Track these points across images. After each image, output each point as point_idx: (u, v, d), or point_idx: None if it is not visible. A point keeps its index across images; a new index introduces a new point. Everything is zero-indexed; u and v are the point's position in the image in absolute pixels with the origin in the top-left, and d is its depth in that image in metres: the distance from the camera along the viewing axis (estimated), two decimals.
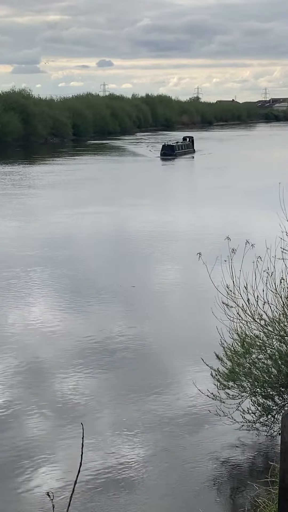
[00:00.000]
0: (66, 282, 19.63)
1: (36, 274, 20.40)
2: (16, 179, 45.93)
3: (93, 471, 9.83)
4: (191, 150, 71.11)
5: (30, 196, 38.05)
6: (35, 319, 16.39)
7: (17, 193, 39.17)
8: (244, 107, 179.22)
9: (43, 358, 14.04)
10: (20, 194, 38.58)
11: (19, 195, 38.42)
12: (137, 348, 14.61)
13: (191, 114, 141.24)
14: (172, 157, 64.02)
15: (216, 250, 11.36)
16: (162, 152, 65.02)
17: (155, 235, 26.43)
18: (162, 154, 64.52)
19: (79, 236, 26.74)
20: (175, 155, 64.95)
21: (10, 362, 13.77)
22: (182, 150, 68.34)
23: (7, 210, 32.92)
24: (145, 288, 19.18)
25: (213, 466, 10.22)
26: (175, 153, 65.42)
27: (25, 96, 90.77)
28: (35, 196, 38.13)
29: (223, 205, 34.79)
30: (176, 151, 65.99)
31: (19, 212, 32.45)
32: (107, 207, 33.80)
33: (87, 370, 13.40)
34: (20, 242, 25.44)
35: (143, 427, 11.22)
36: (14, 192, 39.53)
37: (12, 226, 28.62)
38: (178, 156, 65.08)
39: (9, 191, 39.84)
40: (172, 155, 64.39)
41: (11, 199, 36.89)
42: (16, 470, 9.96)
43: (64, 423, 11.29)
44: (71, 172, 50.88)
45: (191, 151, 70.78)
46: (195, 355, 13.06)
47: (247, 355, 10.45)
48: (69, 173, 50.52)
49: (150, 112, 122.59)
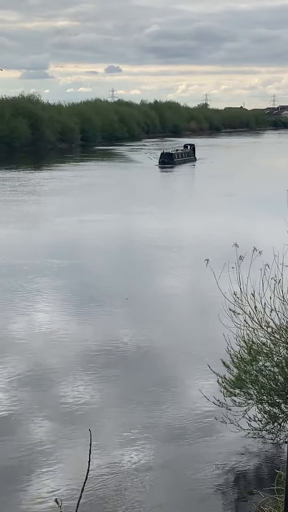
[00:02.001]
0: (73, 290, 19.64)
1: (40, 283, 20.42)
2: (16, 185, 45.35)
3: (98, 478, 9.81)
4: (192, 158, 69.40)
5: (29, 202, 37.46)
6: (42, 326, 16.39)
7: (17, 199, 38.59)
8: (252, 114, 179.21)
9: (49, 363, 14.04)
10: (20, 201, 37.97)
11: (19, 201, 37.81)
12: (143, 355, 14.59)
13: (199, 121, 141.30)
14: (171, 165, 62.25)
15: (223, 257, 11.35)
16: (161, 160, 63.30)
17: (159, 243, 26.42)
18: (161, 162, 62.77)
19: (82, 244, 26.68)
20: (174, 163, 63.18)
21: (17, 366, 13.78)
22: (182, 158, 66.61)
23: (6, 217, 32.48)
24: (151, 295, 19.17)
25: (219, 473, 10.19)
26: (174, 161, 63.74)
27: (34, 101, 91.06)
28: (34, 202, 37.58)
29: (220, 214, 34.74)
30: (176, 159, 64.34)
31: (16, 219, 31.90)
32: (105, 215, 33.32)
33: (94, 377, 13.39)
34: (15, 249, 25.16)
35: (149, 434, 11.20)
36: (13, 198, 38.94)
37: (10, 234, 28.24)
38: (177, 165, 63.32)
39: (9, 198, 39.29)
40: (171, 164, 62.67)
41: (10, 205, 36.47)
42: (23, 475, 9.96)
43: (71, 429, 11.27)
44: (74, 179, 50.43)
45: (192, 159, 69.03)
46: (201, 362, 13.04)
47: (253, 362, 10.43)
48: (72, 179, 50.10)
49: (158, 118, 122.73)
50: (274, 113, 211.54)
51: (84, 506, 9.02)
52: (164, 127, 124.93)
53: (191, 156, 69.33)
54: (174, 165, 62.16)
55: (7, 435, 11.10)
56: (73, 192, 42.23)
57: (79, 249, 25.34)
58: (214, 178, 54.30)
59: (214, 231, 28.51)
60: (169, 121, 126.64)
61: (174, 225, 30.88)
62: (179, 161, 64.59)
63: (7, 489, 9.67)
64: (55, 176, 51.78)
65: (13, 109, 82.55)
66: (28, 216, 32.76)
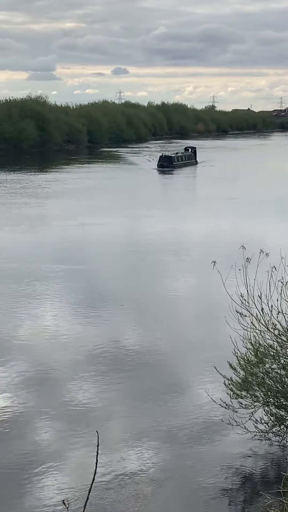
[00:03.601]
0: (78, 293, 19.66)
1: (44, 286, 20.46)
2: (17, 187, 44.63)
3: (104, 479, 9.82)
4: (193, 162, 66.47)
5: (29, 205, 36.89)
6: (48, 328, 16.42)
7: (16, 202, 38.05)
8: (259, 116, 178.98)
9: (56, 365, 14.06)
10: (19, 204, 37.39)
11: (18, 204, 37.27)
12: (150, 357, 14.60)
13: (207, 123, 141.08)
14: (170, 169, 59.49)
15: (230, 259, 11.35)
16: (159, 164, 60.51)
17: (164, 245, 26.44)
18: (159, 166, 60.09)
19: (85, 247, 26.61)
20: (173, 166, 60.43)
21: (24, 367, 13.81)
22: (182, 161, 63.58)
23: (7, 220, 32.10)
24: (158, 296, 19.17)
25: (225, 475, 10.19)
26: (174, 164, 60.88)
27: (41, 103, 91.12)
28: (35, 205, 37.02)
29: (212, 219, 34.71)
30: (175, 163, 61.41)
31: (16, 222, 31.38)
32: (102, 218, 32.84)
33: (101, 378, 13.41)
34: (14, 253, 24.96)
35: (155, 436, 11.21)
36: (12, 201, 38.47)
37: (9, 238, 27.93)
38: (177, 168, 60.48)
39: (9, 200, 38.79)
40: (170, 167, 59.89)
41: (10, 208, 36.10)
42: (29, 476, 9.98)
43: (77, 429, 11.29)
44: (78, 181, 49.63)
45: (192, 162, 66.12)
46: (208, 364, 13.04)
47: (260, 364, 10.43)
48: (76, 181, 49.31)
49: (165, 120, 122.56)
50: (281, 115, 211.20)
51: (89, 508, 9.03)
52: (171, 129, 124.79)
53: (192, 160, 66.78)
54: (173, 169, 59.81)
55: (14, 435, 11.12)
56: (73, 195, 41.34)
57: (82, 253, 25.35)
58: (212, 183, 52.14)
59: (203, 237, 28.51)
60: (176, 123, 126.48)
61: (172, 229, 30.87)
62: (178, 164, 62.00)
63: (15, 490, 9.69)
64: (58, 178, 51.08)
65: (20, 111, 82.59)
66: (27, 219, 32.19)
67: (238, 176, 56.70)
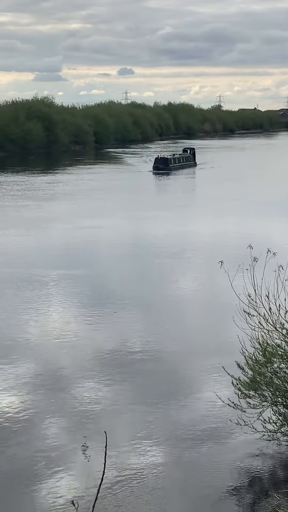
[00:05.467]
0: (86, 294, 19.69)
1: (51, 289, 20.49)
2: (17, 189, 44.00)
3: (113, 479, 9.83)
4: (192, 164, 63.63)
5: (27, 208, 36.30)
6: (56, 328, 16.45)
7: (16, 205, 37.45)
8: (266, 116, 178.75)
9: (65, 365, 14.09)
10: (19, 206, 36.85)
11: (18, 207, 36.68)
12: (157, 356, 14.60)
13: (213, 122, 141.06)
14: (166, 171, 56.91)
15: (237, 259, 11.34)
16: (155, 166, 58.15)
17: (169, 246, 26.44)
18: (155, 168, 57.71)
19: (86, 250, 26.70)
20: (169, 169, 57.78)
21: (32, 368, 13.84)
22: (179, 163, 60.97)
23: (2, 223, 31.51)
24: (165, 296, 19.16)
25: (234, 475, 10.17)
26: (170, 166, 58.30)
27: (48, 104, 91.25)
28: (35, 208, 36.30)
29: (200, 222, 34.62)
30: (171, 165, 58.84)
31: (7, 225, 30.69)
32: (102, 220, 32.92)
33: (108, 378, 13.42)
34: (14, 256, 24.97)
35: (163, 436, 11.20)
36: (11, 203, 38.03)
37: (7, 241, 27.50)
38: (173, 170, 57.74)
39: (8, 203, 38.30)
40: (165, 169, 57.32)
41: (7, 210, 35.73)
42: (37, 477, 9.99)
43: (85, 429, 11.30)
44: (81, 182, 48.86)
45: (191, 164, 63.33)
46: (216, 363, 13.03)
47: (268, 364, 10.42)
48: (78, 183, 48.58)
49: (172, 120, 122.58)
50: (287, 114, 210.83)
51: (98, 508, 9.04)
52: (178, 129, 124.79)
53: (190, 161, 64.00)
54: (169, 171, 57.17)
55: (23, 436, 11.13)
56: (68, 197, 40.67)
57: (84, 255, 25.40)
58: (207, 186, 49.46)
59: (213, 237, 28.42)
60: (182, 123, 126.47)
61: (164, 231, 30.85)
62: (175, 166, 59.32)
63: (23, 490, 9.70)
64: (60, 180, 50.55)
65: (27, 112, 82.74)
66: (22, 222, 31.58)
67: (238, 178, 53.08)
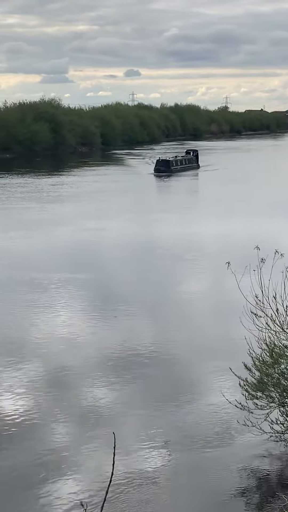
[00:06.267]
0: (94, 295, 19.74)
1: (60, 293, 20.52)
2: (20, 191, 43.80)
3: (121, 480, 9.83)
4: (194, 166, 61.65)
5: (29, 210, 35.92)
6: (64, 329, 16.49)
7: (19, 207, 37.30)
8: (273, 117, 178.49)
9: (73, 366, 14.11)
10: (20, 208, 36.70)
11: (20, 209, 36.52)
12: (165, 357, 14.60)
13: (220, 124, 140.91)
14: (167, 174, 55.43)
15: (244, 260, 11.33)
16: (156, 168, 56.58)
17: (175, 247, 26.44)
18: (156, 170, 56.14)
19: (90, 251, 26.74)
20: (171, 171, 56.29)
21: (39, 368, 13.87)
22: (181, 165, 59.17)
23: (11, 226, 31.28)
24: (172, 298, 19.17)
25: (241, 476, 10.17)
26: (172, 169, 56.70)
27: (55, 105, 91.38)
28: (38, 210, 36.00)
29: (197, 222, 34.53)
30: (173, 167, 57.19)
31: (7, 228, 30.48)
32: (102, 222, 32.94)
33: (115, 379, 13.43)
34: (16, 258, 24.94)
35: (171, 437, 11.21)
36: (15, 206, 37.74)
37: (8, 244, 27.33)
38: (175, 173, 56.24)
39: (9, 205, 38.03)
40: (167, 172, 55.78)
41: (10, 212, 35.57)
42: (45, 478, 10.01)
43: (93, 431, 11.32)
44: (85, 184, 48.42)
45: (194, 166, 61.39)
46: (223, 364, 13.01)
47: (275, 365, 10.41)
48: (83, 185, 48.20)
49: (178, 121, 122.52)
50: None
51: (106, 509, 9.06)
52: (185, 130, 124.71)
53: (193, 163, 61.94)
54: (171, 174, 55.68)
55: (30, 436, 11.16)
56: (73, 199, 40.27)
57: (89, 257, 25.44)
58: (210, 190, 47.85)
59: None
60: (189, 124, 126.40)
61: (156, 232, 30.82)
62: (177, 169, 57.65)
63: (32, 491, 9.72)
64: (66, 182, 50.09)
65: (34, 113, 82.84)
66: (21, 224, 31.41)
67: (242, 180, 51.24)
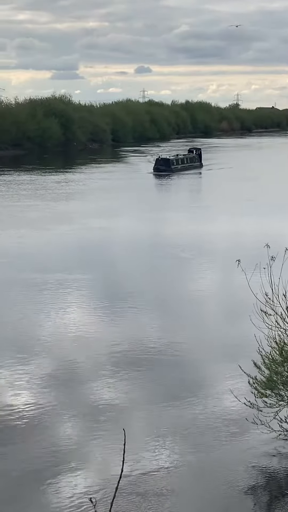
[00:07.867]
0: (101, 290, 19.76)
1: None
2: (25, 188, 43.38)
3: (128, 478, 9.83)
4: (197, 165, 59.75)
5: (31, 208, 35.45)
6: (71, 325, 16.51)
7: (21, 204, 36.75)
8: (283, 114, 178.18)
9: (82, 362, 14.13)
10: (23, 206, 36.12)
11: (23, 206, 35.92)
12: (173, 355, 14.59)
13: (231, 121, 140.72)
14: (167, 173, 53.90)
15: (254, 258, 11.30)
16: (155, 167, 55.04)
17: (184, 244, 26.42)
18: (155, 169, 54.68)
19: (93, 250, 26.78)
20: (171, 170, 54.74)
21: (47, 364, 13.90)
22: (183, 164, 57.38)
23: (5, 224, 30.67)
24: (182, 295, 19.17)
25: (250, 475, 10.15)
26: (172, 168, 55.12)
27: (65, 102, 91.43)
28: (37, 208, 35.34)
29: None
30: (174, 166, 55.57)
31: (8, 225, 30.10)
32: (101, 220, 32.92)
33: (124, 376, 13.43)
34: (20, 258, 25.00)
35: (179, 435, 11.20)
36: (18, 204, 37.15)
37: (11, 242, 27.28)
38: (175, 172, 54.65)
39: (12, 203, 37.46)
40: (167, 171, 54.19)
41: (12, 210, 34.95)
42: (54, 474, 10.02)
43: (101, 428, 11.32)
44: (92, 181, 47.92)
45: (196, 165, 59.41)
46: (232, 362, 13.00)
47: (285, 363, 10.39)
48: (89, 182, 47.76)
49: (189, 118, 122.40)
50: None
51: (115, 506, 9.05)
52: (195, 127, 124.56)
53: (195, 162, 59.91)
54: (171, 173, 54.15)
55: (39, 433, 11.18)
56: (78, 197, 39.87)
57: (98, 255, 25.44)
58: (212, 190, 46.32)
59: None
60: (200, 122, 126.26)
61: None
62: (177, 168, 56.08)
63: (41, 487, 9.74)
64: (72, 179, 49.36)
65: (44, 110, 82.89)
66: (22, 222, 30.97)
67: (248, 179, 49.43)
